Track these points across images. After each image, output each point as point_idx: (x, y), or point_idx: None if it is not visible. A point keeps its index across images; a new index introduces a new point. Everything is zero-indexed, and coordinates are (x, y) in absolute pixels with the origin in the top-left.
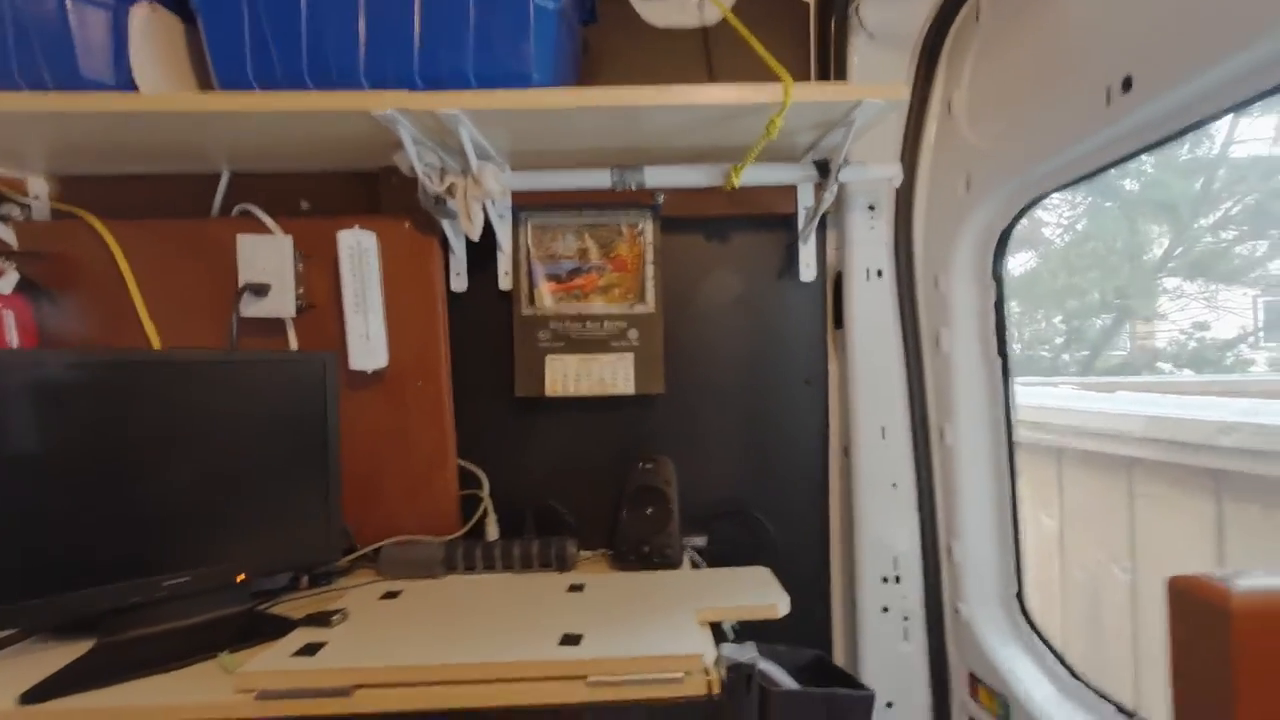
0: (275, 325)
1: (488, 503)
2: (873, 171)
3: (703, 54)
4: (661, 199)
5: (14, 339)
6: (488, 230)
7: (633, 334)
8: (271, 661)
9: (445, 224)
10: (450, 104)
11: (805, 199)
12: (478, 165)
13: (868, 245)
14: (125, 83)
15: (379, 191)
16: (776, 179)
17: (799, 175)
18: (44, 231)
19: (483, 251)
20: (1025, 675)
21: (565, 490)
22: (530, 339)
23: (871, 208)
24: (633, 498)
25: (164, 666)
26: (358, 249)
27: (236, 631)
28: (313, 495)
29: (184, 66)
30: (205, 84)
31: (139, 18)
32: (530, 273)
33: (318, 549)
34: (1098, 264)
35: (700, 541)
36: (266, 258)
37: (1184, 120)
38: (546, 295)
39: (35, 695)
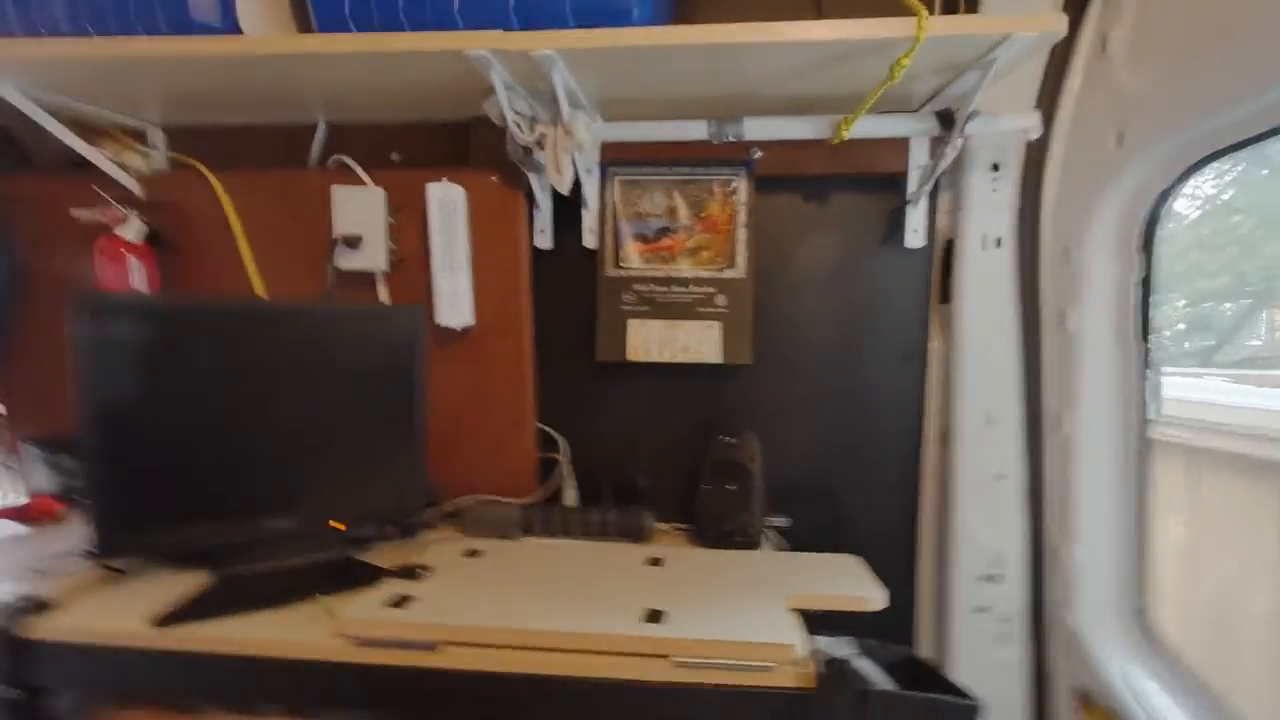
0: (367, 279)
1: (566, 467)
2: (1006, 123)
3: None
4: (758, 154)
5: (143, 286)
6: (575, 187)
7: (721, 300)
8: (367, 610)
9: (532, 178)
10: (545, 44)
11: (918, 156)
12: (569, 114)
13: (988, 209)
14: (232, 26)
15: (469, 144)
16: (889, 130)
17: (916, 127)
18: (162, 182)
19: (569, 208)
20: (1149, 697)
21: (643, 459)
22: (614, 301)
23: (996, 167)
24: (714, 472)
25: (275, 602)
26: (447, 203)
27: (333, 576)
28: (400, 448)
29: (285, 11)
30: (306, 28)
31: None
32: (616, 231)
33: (405, 501)
34: (1237, 241)
35: (782, 522)
36: (359, 210)
37: None
38: (633, 255)
39: (170, 619)
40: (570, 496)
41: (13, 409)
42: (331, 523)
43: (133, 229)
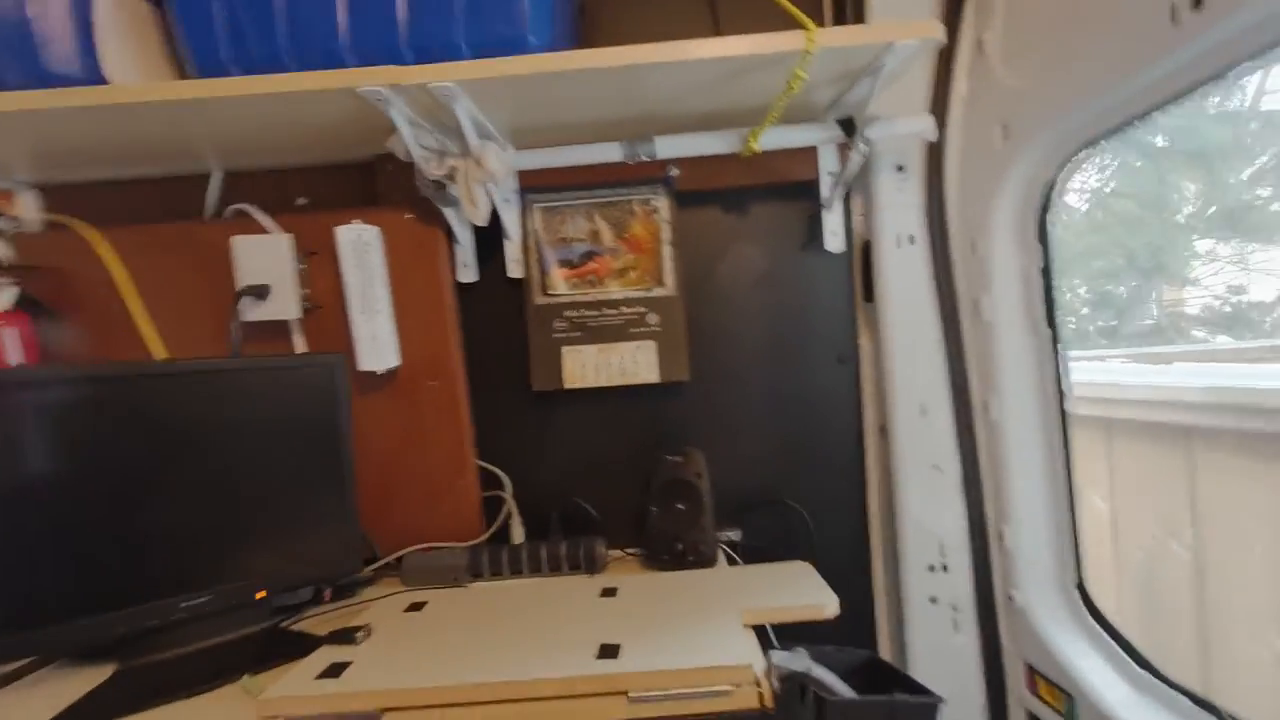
0: (281, 328)
1: (511, 504)
2: (902, 126)
3: (708, 12)
4: (675, 171)
5: (17, 356)
6: (494, 218)
7: (653, 319)
8: (295, 685)
9: (448, 212)
10: (443, 76)
11: (828, 163)
12: (478, 145)
13: (898, 209)
14: (95, 76)
15: (377, 182)
16: (796, 140)
17: (821, 136)
18: (37, 244)
19: (490, 240)
20: (1091, 667)
21: (590, 487)
22: (545, 329)
23: (900, 168)
24: (662, 493)
25: (185, 692)
26: (359, 244)
27: (259, 651)
28: (329, 504)
29: (158, 57)
30: (182, 74)
31: (103, 3)
32: (541, 259)
33: (338, 560)
34: (1123, 222)
35: (734, 535)
36: (264, 258)
37: (1263, 39)
38: (560, 282)
39: None
40: (518, 534)
41: None
42: (258, 595)
43: (6, 297)
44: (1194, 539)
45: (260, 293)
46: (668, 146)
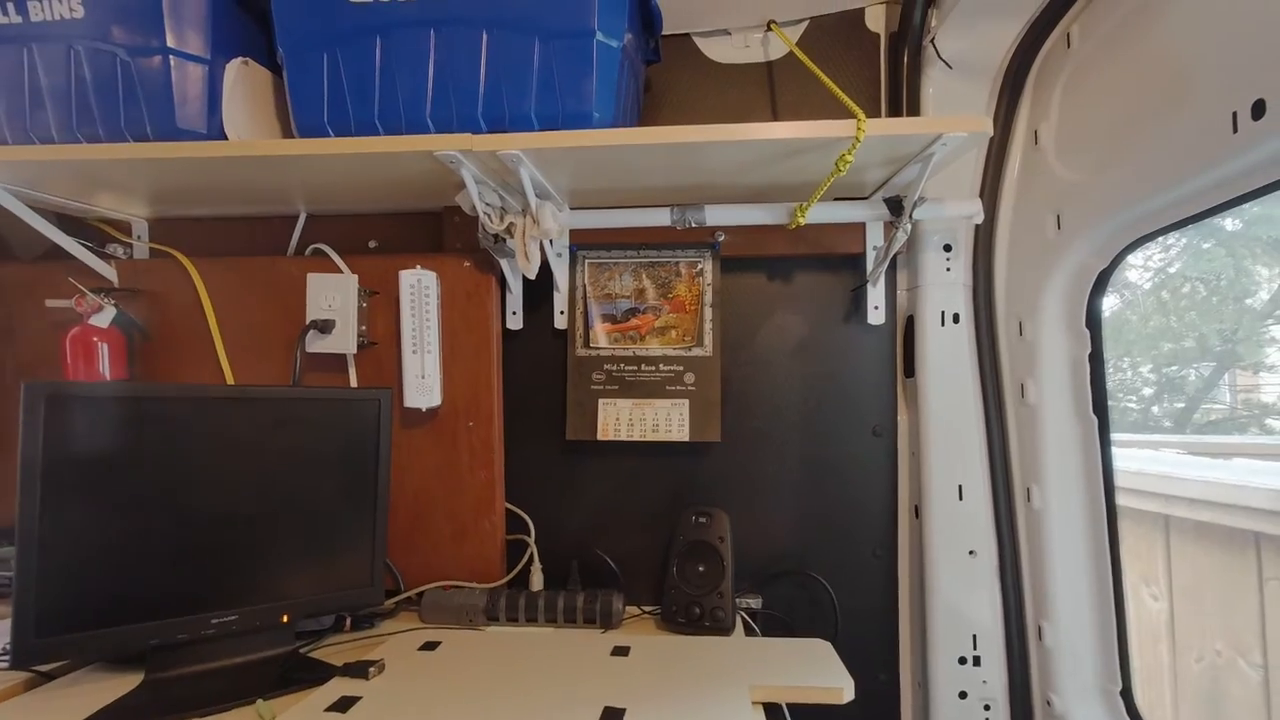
0: (339, 361)
1: (533, 550)
2: (951, 209)
3: (767, 90)
4: (722, 238)
5: (107, 370)
6: (545, 269)
7: (689, 378)
8: (303, 716)
9: (503, 263)
10: (511, 145)
11: (874, 238)
12: (536, 204)
13: (943, 287)
14: (217, 132)
15: (442, 231)
16: (844, 217)
17: (868, 213)
18: (141, 269)
19: (540, 290)
20: None
21: (613, 540)
22: (584, 380)
23: (947, 248)
24: (684, 553)
25: (204, 709)
26: (418, 288)
27: (277, 675)
28: (360, 534)
29: (270, 116)
30: (287, 132)
31: (233, 72)
32: (586, 312)
33: (362, 590)
34: (1195, 306)
35: (755, 603)
36: (333, 295)
37: None
38: (601, 335)
39: None
40: (537, 580)
41: None
42: (282, 618)
43: (104, 316)
44: (1265, 659)
45: (325, 327)
46: (717, 215)
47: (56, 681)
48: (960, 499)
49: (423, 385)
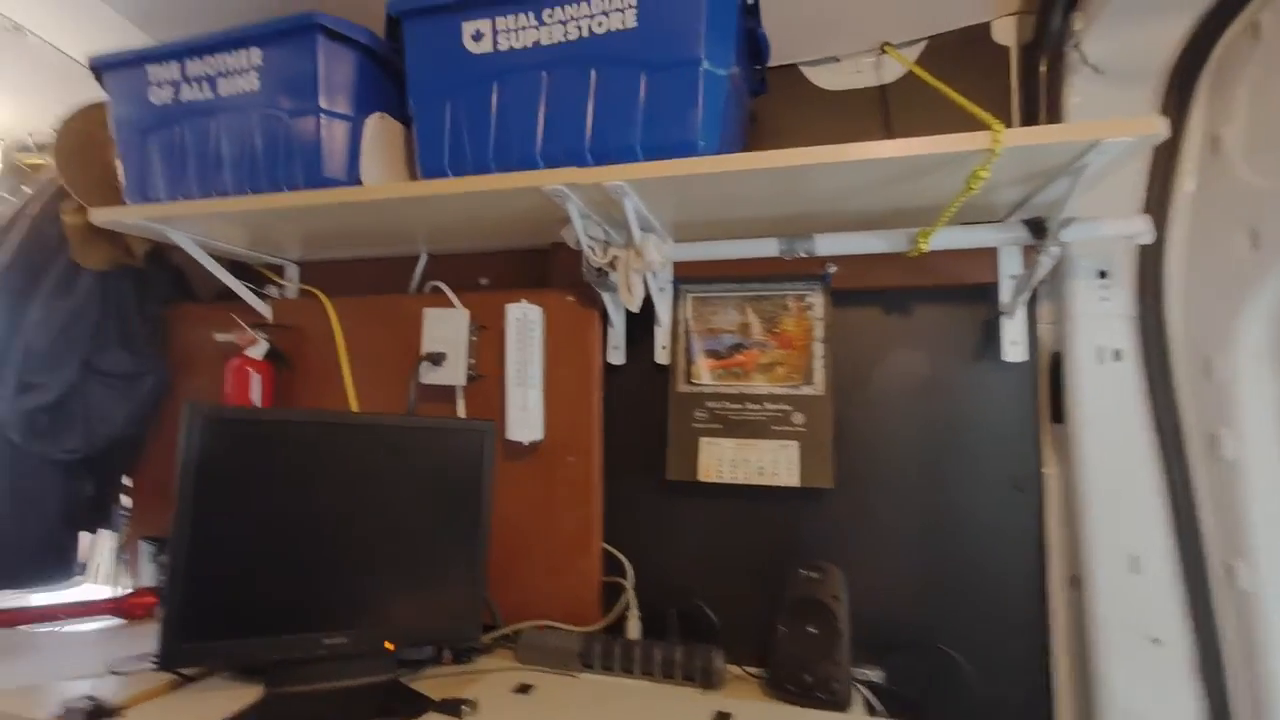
0: (450, 394)
1: (630, 596)
2: (1109, 229)
3: (880, 115)
4: (833, 269)
5: (257, 397)
6: (648, 303)
7: (798, 418)
8: None
9: (606, 297)
10: (615, 177)
11: (1009, 265)
12: (640, 237)
13: (1099, 319)
14: (355, 180)
15: (549, 267)
16: (973, 242)
17: (1003, 237)
18: (290, 307)
19: (642, 324)
20: None
21: (714, 589)
22: (685, 418)
23: (1103, 274)
24: (793, 611)
25: None
26: (524, 322)
27: (378, 703)
28: (461, 567)
29: (400, 164)
30: (413, 177)
31: (371, 126)
32: (688, 347)
33: (461, 624)
34: None
35: (875, 676)
36: (446, 329)
37: None
38: (704, 371)
39: None
40: (634, 628)
41: (139, 506)
42: (386, 644)
43: (258, 349)
44: None
45: (438, 359)
46: (828, 244)
47: (194, 685)
48: (1135, 572)
49: (525, 418)
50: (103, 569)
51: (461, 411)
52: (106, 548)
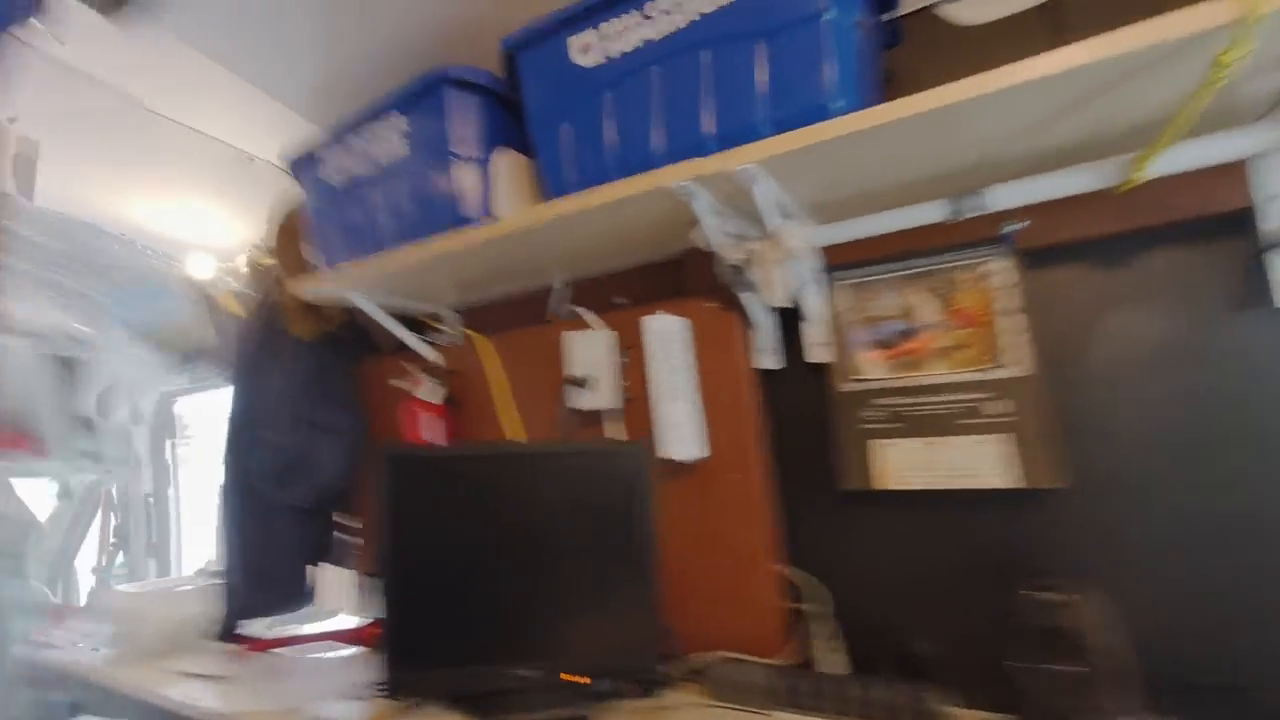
0: (606, 418)
1: (818, 624)
2: None
3: (1045, 38)
4: (1016, 225)
5: (440, 439)
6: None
7: (998, 407)
8: None
9: (746, 297)
10: (741, 160)
11: (1269, 181)
12: (778, 225)
13: None
14: (490, 215)
15: (684, 275)
16: (1212, 157)
17: (1257, 142)
18: (454, 351)
19: (791, 322)
20: None
21: (914, 613)
22: (851, 420)
23: None
24: (1029, 642)
25: None
26: (663, 333)
27: None
28: (633, 594)
29: (526, 196)
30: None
31: (498, 163)
32: (848, 341)
33: (641, 654)
34: None
35: None
36: (589, 351)
37: None
38: (868, 365)
39: None
40: (829, 660)
41: (368, 543)
42: (564, 675)
43: (432, 392)
44: None
45: (580, 383)
46: (1005, 196)
47: (416, 713)
48: None
49: (677, 435)
50: (335, 600)
51: (617, 434)
52: (337, 581)
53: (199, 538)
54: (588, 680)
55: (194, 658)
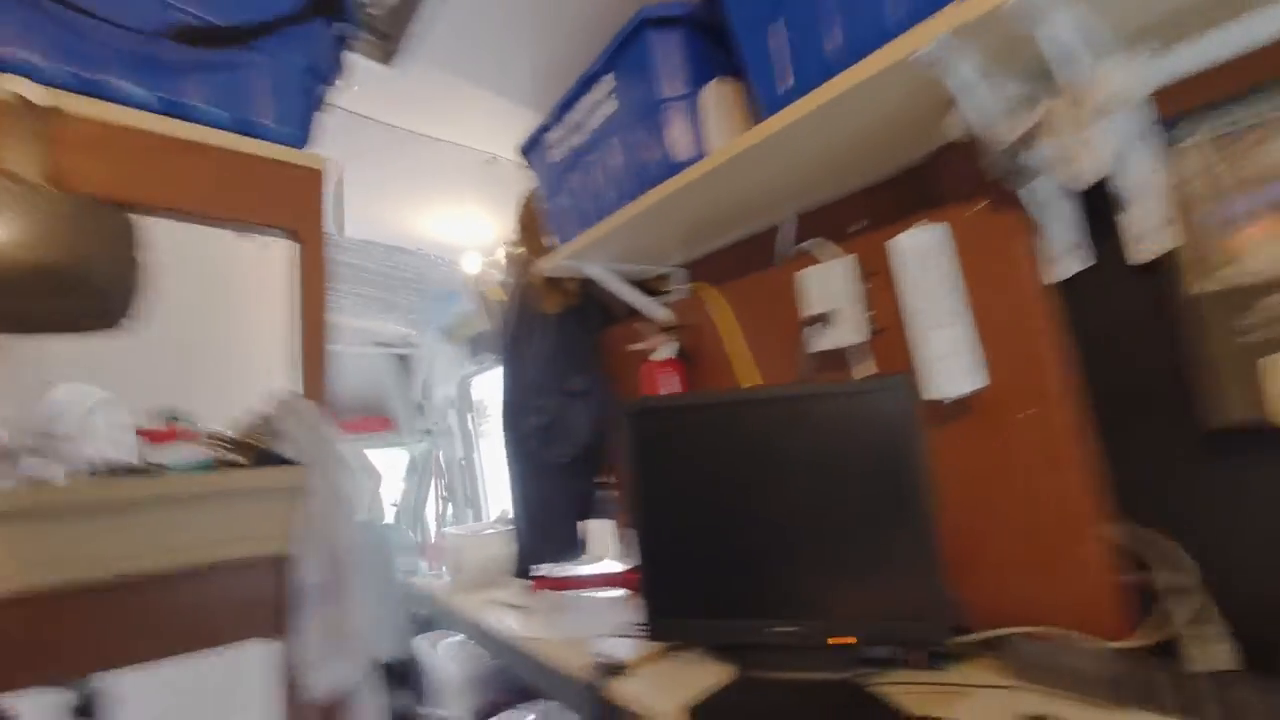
0: (853, 355)
1: (1179, 597)
2: None
3: None
4: None
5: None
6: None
7: None
8: None
9: (1032, 187)
10: None
11: None
12: (1081, 69)
13: None
14: (702, 155)
15: (937, 180)
16: None
17: None
18: (683, 307)
19: (1097, 209)
20: None
21: None
22: (1223, 331)
23: None
24: None
25: None
26: (917, 250)
27: (839, 707)
28: (907, 551)
29: (738, 125)
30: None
31: (709, 95)
32: (1206, 219)
33: (922, 620)
34: None
35: None
36: (827, 285)
37: None
38: (1251, 249)
39: (698, 713)
40: (1207, 653)
41: (623, 497)
42: (831, 639)
43: (667, 349)
44: None
45: (821, 320)
46: None
47: (679, 655)
48: None
49: (945, 368)
50: (601, 550)
51: (865, 371)
52: (602, 533)
53: (498, 493)
54: (853, 640)
55: (501, 589)
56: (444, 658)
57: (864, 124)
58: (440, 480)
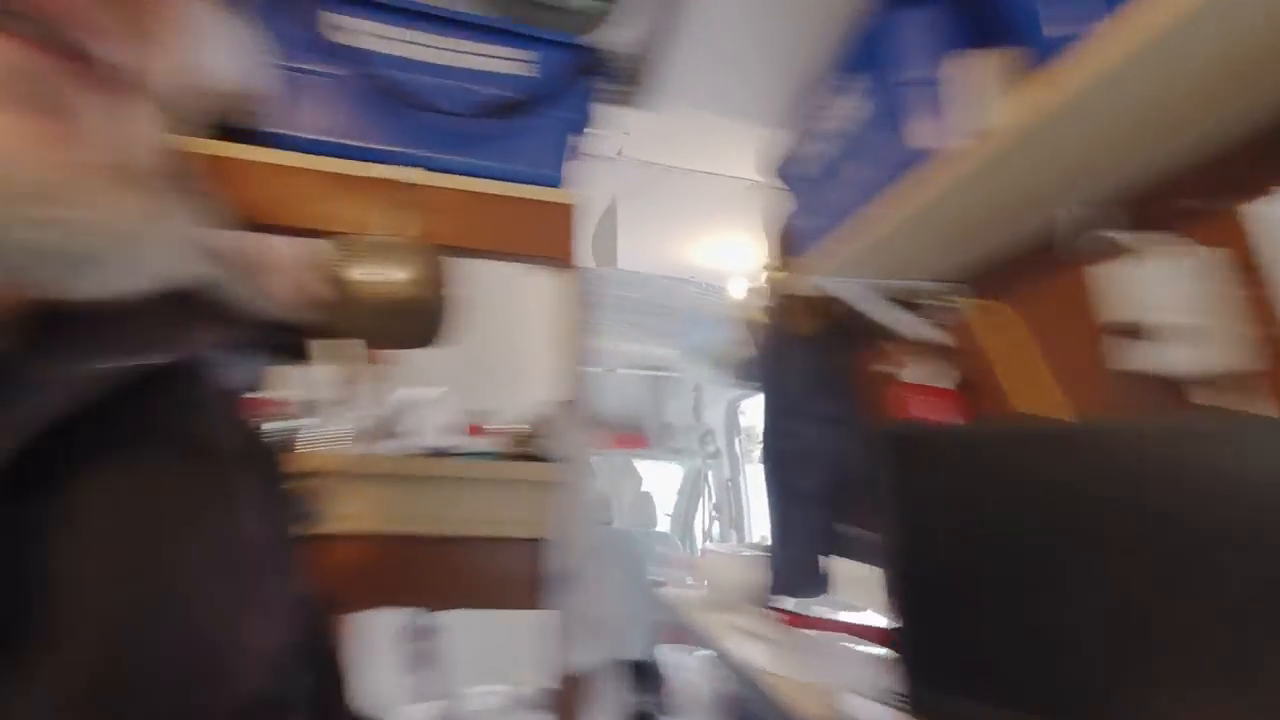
0: (1208, 381)
1: None
2: None
3: None
4: None
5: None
6: None
7: None
8: None
9: None
10: None
11: None
12: None
13: None
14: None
15: None
16: None
17: None
18: (952, 326)
19: None
20: None
21: None
22: None
23: None
24: None
25: None
26: None
27: None
28: None
29: (1016, 95)
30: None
31: (973, 67)
32: None
33: None
34: None
35: None
36: (1156, 286)
37: None
38: None
39: None
40: None
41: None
42: None
43: (930, 374)
44: None
45: (1149, 334)
46: None
47: None
48: None
49: None
50: (858, 595)
51: (1239, 404)
52: (852, 575)
53: (761, 516)
54: None
55: (746, 616)
56: (693, 671)
57: (1189, 74)
58: (710, 499)
